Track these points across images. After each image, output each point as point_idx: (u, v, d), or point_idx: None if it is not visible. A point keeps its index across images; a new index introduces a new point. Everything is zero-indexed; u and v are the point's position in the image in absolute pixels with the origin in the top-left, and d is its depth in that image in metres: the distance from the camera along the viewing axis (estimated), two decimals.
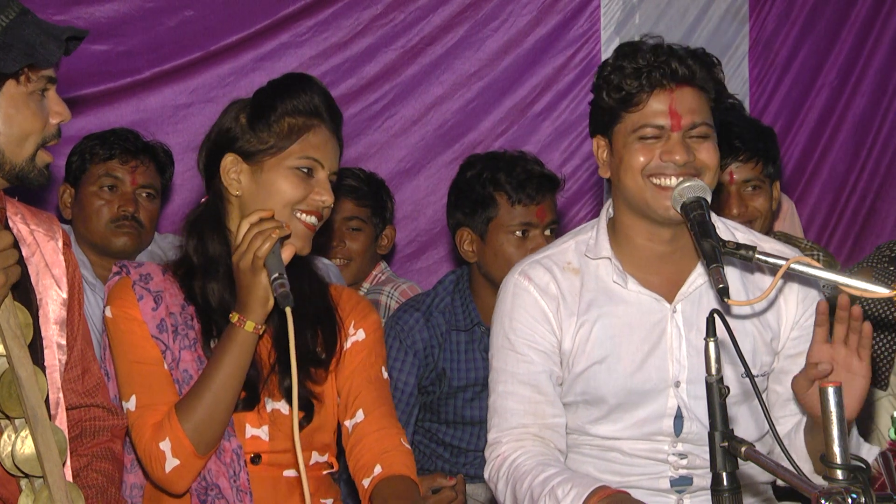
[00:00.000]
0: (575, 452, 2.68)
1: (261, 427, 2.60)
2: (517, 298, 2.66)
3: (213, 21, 4.26)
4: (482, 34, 4.57)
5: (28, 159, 2.25)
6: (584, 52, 4.64)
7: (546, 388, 2.62)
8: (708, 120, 2.55)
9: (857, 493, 1.78)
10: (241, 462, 2.56)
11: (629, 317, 2.62)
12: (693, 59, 2.54)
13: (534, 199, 3.49)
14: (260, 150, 2.59)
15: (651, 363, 2.60)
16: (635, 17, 4.63)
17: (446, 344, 3.56)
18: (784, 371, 2.64)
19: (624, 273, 2.62)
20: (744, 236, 2.66)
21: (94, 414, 2.49)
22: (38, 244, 2.35)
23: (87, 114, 4.10)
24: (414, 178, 4.55)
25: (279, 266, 2.44)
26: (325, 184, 2.60)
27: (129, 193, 3.59)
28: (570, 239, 2.72)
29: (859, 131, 4.84)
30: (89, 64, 4.08)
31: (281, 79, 2.68)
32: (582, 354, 2.62)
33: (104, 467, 2.46)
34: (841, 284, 2.42)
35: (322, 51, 4.40)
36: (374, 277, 4.02)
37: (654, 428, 2.61)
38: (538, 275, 2.66)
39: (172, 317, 2.59)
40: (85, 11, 4.11)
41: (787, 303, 2.66)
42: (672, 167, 2.52)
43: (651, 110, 2.54)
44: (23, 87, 2.21)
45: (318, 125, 2.61)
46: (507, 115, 4.60)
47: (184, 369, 2.57)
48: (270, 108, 2.60)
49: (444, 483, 3.24)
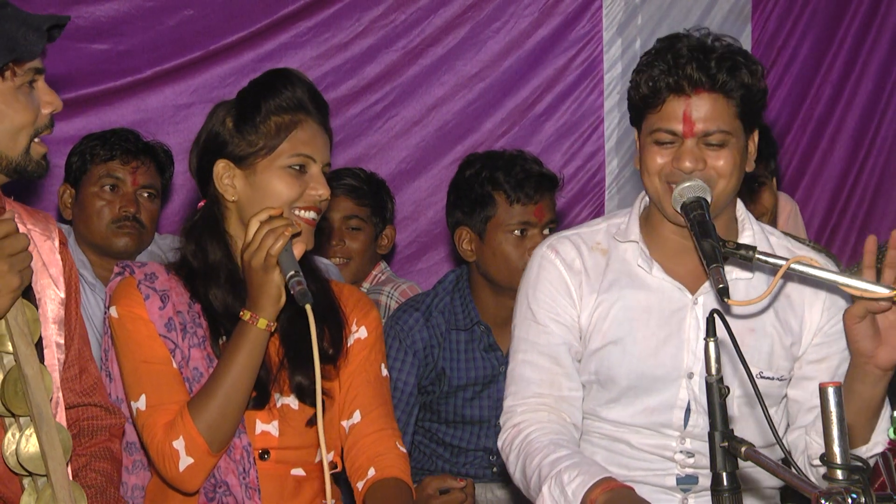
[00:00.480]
0: (585, 441, 2.69)
1: (271, 423, 2.61)
2: (543, 270, 2.68)
3: (214, 21, 4.26)
4: (483, 35, 4.57)
5: (23, 153, 2.25)
6: (585, 53, 4.64)
7: (564, 360, 2.64)
8: (726, 127, 2.52)
9: (857, 493, 1.78)
10: (251, 459, 2.56)
11: (649, 301, 2.63)
12: (719, 62, 2.50)
13: (532, 198, 3.49)
14: (250, 154, 2.59)
15: (666, 351, 2.61)
16: (637, 18, 4.63)
17: (446, 343, 3.56)
18: (805, 377, 2.64)
19: (650, 259, 2.64)
20: (778, 241, 2.68)
21: (92, 413, 2.49)
22: (35, 243, 2.35)
23: (87, 113, 4.11)
24: (415, 179, 4.56)
25: (293, 264, 2.45)
26: (318, 177, 2.60)
27: (129, 194, 3.59)
28: (603, 221, 2.75)
29: (860, 130, 4.85)
30: (89, 63, 4.09)
31: (262, 77, 2.68)
32: (598, 332, 2.63)
33: (103, 467, 2.46)
34: (841, 284, 2.42)
35: (323, 51, 4.41)
36: (374, 277, 4.02)
37: (663, 418, 2.62)
38: (565, 249, 2.68)
39: (180, 315, 2.59)
40: (85, 11, 4.11)
41: (811, 309, 2.65)
42: (680, 174, 2.52)
43: (666, 114, 2.53)
44: (9, 83, 2.20)
45: (304, 120, 2.61)
46: (508, 116, 4.60)
47: (194, 367, 2.57)
48: (255, 109, 2.59)
49: (454, 485, 3.23)
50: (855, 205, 4.88)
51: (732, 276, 2.61)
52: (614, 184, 4.66)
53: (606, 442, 2.67)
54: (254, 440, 2.58)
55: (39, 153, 2.28)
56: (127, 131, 3.68)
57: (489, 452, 3.59)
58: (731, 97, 2.52)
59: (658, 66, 2.53)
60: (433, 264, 4.54)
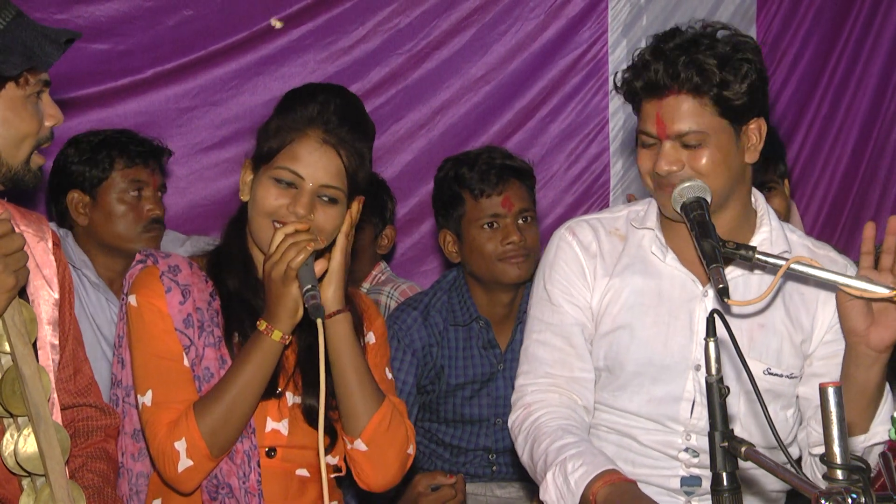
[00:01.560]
0: (594, 435, 2.69)
1: (281, 421, 2.61)
2: (560, 252, 2.71)
3: (214, 21, 4.26)
4: (489, 38, 4.56)
5: (23, 162, 2.27)
6: (591, 55, 4.63)
7: (577, 341, 2.66)
8: (700, 127, 2.50)
9: (857, 493, 1.77)
10: (252, 464, 2.57)
11: (660, 289, 2.64)
12: (688, 63, 2.47)
13: (496, 187, 3.49)
14: (259, 157, 2.62)
15: (675, 340, 2.61)
16: (643, 19, 4.62)
17: (444, 342, 3.56)
18: (815, 374, 2.64)
19: (665, 246, 2.65)
20: (799, 240, 2.68)
21: (87, 414, 2.50)
22: (28, 245, 2.36)
23: (88, 114, 4.11)
24: (421, 182, 4.55)
25: (311, 278, 2.46)
26: (304, 196, 2.56)
27: (152, 196, 3.60)
28: (625, 209, 2.77)
29: (865, 129, 4.83)
30: (89, 63, 4.09)
31: (299, 88, 2.72)
32: (608, 316, 2.65)
33: (99, 467, 2.47)
34: (841, 284, 2.42)
35: (327, 55, 4.40)
36: (373, 277, 4.02)
37: (669, 410, 2.62)
38: (583, 232, 2.71)
39: (199, 312, 2.59)
40: (85, 10, 4.12)
41: (826, 307, 2.65)
42: (665, 173, 2.53)
43: (644, 117, 2.56)
44: (21, 90, 2.23)
45: (308, 135, 2.59)
46: (514, 119, 4.60)
47: (206, 367, 2.58)
48: (275, 116, 2.65)
49: (444, 481, 3.26)
50: (861, 203, 4.87)
51: (737, 273, 2.61)
52: (619, 185, 4.65)
53: (614, 437, 2.68)
54: (262, 437, 2.59)
55: (38, 164, 2.31)
56: (131, 134, 3.67)
57: (488, 452, 3.59)
58: (703, 96, 2.49)
59: (632, 69, 2.55)
60: (437, 266, 4.53)
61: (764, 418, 2.58)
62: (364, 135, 3.56)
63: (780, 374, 2.62)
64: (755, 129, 2.58)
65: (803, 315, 2.64)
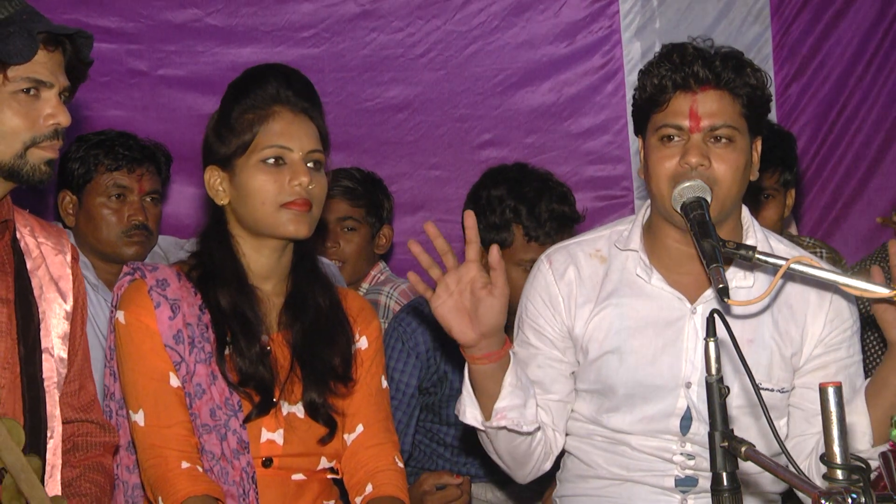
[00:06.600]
0: (587, 444, 2.70)
1: (276, 431, 2.60)
2: (534, 280, 2.75)
3: (217, 21, 4.28)
4: (501, 41, 4.56)
5: (15, 156, 2.28)
6: (604, 58, 4.62)
7: (534, 374, 2.66)
8: (733, 122, 2.55)
9: (857, 493, 1.76)
10: (249, 480, 2.55)
11: (647, 311, 2.64)
12: (724, 61, 2.55)
13: (551, 238, 3.42)
14: (229, 155, 2.60)
15: (664, 360, 2.61)
16: (655, 22, 4.60)
17: (448, 346, 3.55)
18: (807, 386, 2.63)
19: (649, 267, 2.65)
20: (786, 250, 2.67)
21: (87, 430, 2.52)
22: (45, 257, 2.37)
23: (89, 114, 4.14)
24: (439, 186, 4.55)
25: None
26: (297, 165, 2.57)
27: (136, 202, 3.54)
28: (606, 229, 2.77)
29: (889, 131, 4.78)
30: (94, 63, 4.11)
31: (240, 77, 2.69)
32: (595, 342, 2.65)
33: (97, 479, 2.49)
34: (841, 284, 2.40)
35: (340, 63, 4.41)
36: (372, 278, 4.02)
37: (661, 426, 2.62)
38: (559, 259, 2.73)
39: (189, 328, 2.56)
40: (90, 10, 4.15)
41: (815, 320, 2.65)
42: (689, 172, 2.53)
43: (673, 111, 2.56)
44: (2, 86, 2.24)
45: (279, 111, 2.60)
46: (525, 122, 4.59)
47: (197, 383, 2.55)
48: (230, 110, 2.61)
49: (451, 481, 3.25)
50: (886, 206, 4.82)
51: (733, 285, 2.60)
52: (642, 186, 4.62)
53: (608, 444, 2.68)
54: (258, 449, 2.58)
55: (39, 158, 2.30)
56: (126, 135, 3.63)
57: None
58: (737, 95, 2.56)
59: (664, 65, 2.57)
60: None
61: (759, 429, 2.59)
62: (317, 98, 3.53)
63: (771, 388, 2.61)
64: (757, 147, 2.64)
65: (793, 328, 2.64)
